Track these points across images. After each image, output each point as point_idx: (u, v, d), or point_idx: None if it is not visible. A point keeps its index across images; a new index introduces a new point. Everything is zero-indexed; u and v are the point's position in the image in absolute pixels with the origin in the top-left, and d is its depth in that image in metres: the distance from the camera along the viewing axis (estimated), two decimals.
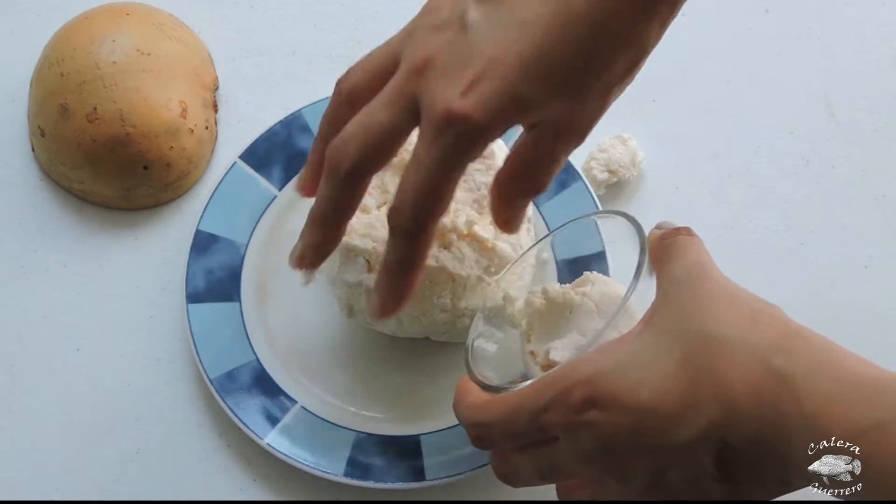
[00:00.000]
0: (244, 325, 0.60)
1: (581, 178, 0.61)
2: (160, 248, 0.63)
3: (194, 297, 0.59)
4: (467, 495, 0.56)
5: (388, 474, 0.55)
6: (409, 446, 0.56)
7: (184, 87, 0.63)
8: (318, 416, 0.57)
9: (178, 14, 0.68)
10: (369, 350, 0.60)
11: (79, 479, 0.58)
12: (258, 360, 0.59)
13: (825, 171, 0.65)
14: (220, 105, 0.67)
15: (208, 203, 0.62)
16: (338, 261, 0.55)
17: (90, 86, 0.61)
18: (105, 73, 0.61)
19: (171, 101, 0.62)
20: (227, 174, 0.62)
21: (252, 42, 0.69)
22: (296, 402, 0.58)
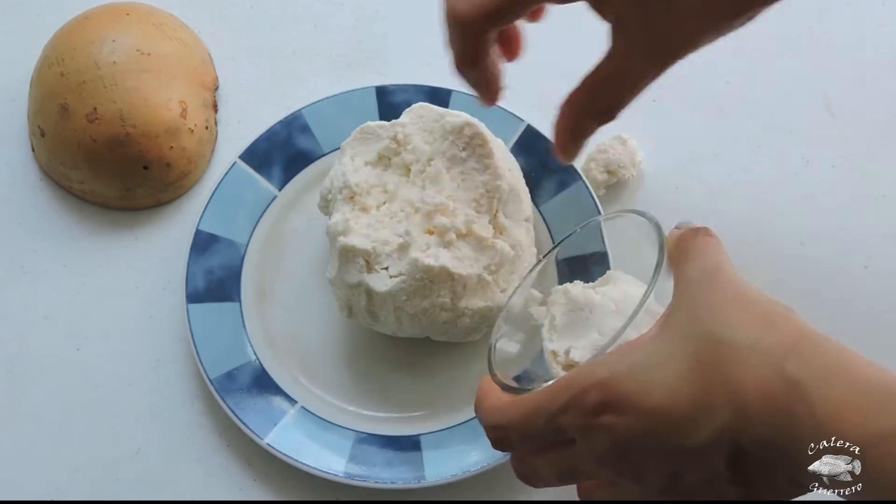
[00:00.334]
0: (244, 325, 0.60)
1: (581, 178, 0.61)
2: (160, 248, 0.63)
3: (194, 297, 0.59)
4: (467, 495, 0.56)
5: (388, 474, 0.55)
6: (409, 446, 0.56)
7: (184, 87, 0.63)
8: (318, 416, 0.57)
9: (178, 14, 0.68)
10: (369, 350, 0.60)
11: (79, 479, 0.58)
12: (258, 360, 0.59)
13: (825, 171, 0.64)
14: (220, 105, 0.67)
15: (208, 203, 0.62)
16: (337, 261, 0.55)
17: (90, 86, 0.61)
18: (105, 73, 0.61)
19: (171, 101, 0.62)
20: (227, 174, 0.62)
21: (252, 42, 0.69)
22: (296, 402, 0.58)
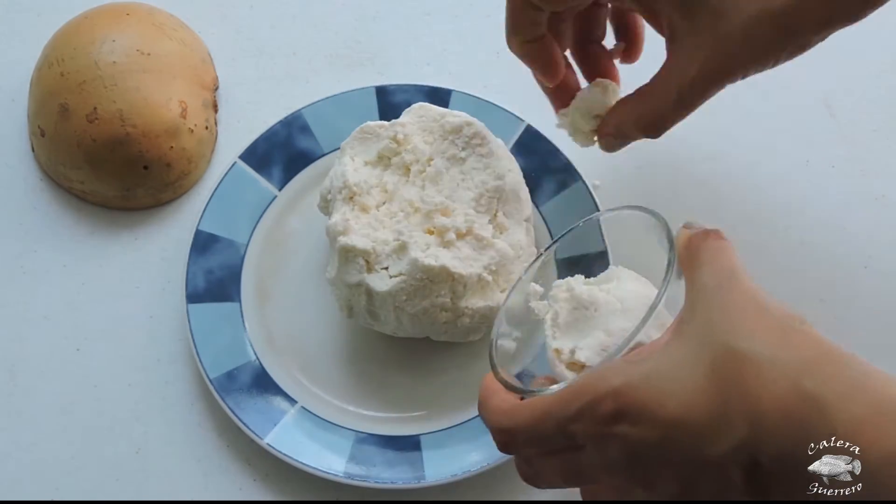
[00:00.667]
0: (244, 325, 0.60)
1: (581, 178, 0.61)
2: (160, 248, 0.63)
3: (194, 297, 0.59)
4: (467, 495, 0.56)
5: (387, 474, 0.55)
6: (408, 446, 0.56)
7: (184, 87, 0.63)
8: (317, 416, 0.57)
9: (178, 14, 0.68)
10: (369, 350, 0.60)
11: (79, 479, 0.58)
12: (258, 360, 0.59)
13: (825, 171, 0.64)
14: (220, 105, 0.67)
15: (208, 203, 0.62)
16: (337, 261, 0.55)
17: (90, 86, 0.61)
18: (105, 73, 0.61)
19: (171, 101, 0.62)
20: (227, 174, 0.62)
21: (252, 42, 0.69)
22: (296, 402, 0.58)
